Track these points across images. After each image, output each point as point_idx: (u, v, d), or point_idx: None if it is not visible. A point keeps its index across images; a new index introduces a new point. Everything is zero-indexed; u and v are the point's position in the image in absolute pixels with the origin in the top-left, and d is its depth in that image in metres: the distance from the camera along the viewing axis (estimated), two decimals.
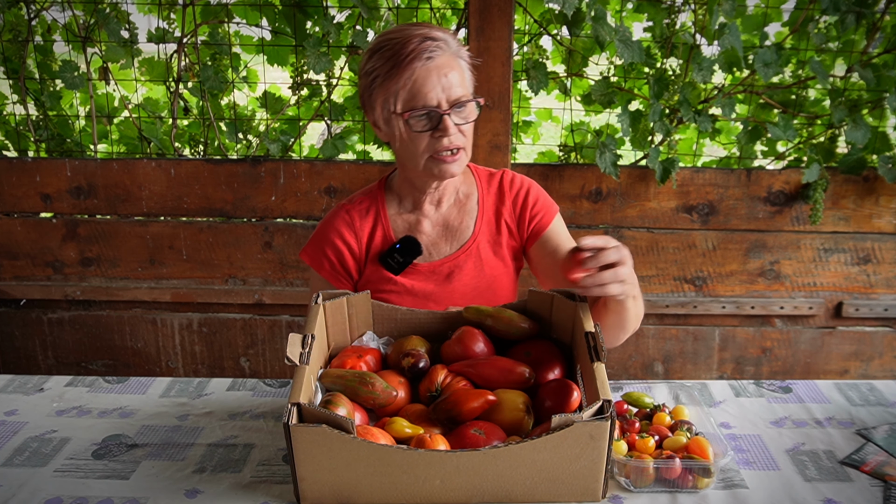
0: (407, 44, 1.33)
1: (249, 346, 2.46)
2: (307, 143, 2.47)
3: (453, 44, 1.38)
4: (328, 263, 1.54)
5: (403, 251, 1.51)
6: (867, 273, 2.35)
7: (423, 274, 1.53)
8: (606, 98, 2.20)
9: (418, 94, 1.34)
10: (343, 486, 1.10)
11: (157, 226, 2.36)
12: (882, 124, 2.25)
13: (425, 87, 1.33)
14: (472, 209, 1.56)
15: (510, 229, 1.56)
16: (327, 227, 1.55)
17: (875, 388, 1.50)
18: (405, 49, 1.33)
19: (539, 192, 1.58)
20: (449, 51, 1.36)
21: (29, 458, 1.25)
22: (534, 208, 1.56)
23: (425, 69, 1.33)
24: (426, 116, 1.36)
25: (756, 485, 1.18)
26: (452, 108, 1.36)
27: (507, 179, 1.58)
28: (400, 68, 1.33)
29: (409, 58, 1.33)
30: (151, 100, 2.45)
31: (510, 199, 1.56)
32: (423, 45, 1.33)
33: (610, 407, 1.06)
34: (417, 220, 1.54)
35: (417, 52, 1.33)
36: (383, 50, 1.36)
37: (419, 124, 1.36)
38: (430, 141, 1.37)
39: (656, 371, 2.46)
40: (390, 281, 1.52)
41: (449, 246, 1.54)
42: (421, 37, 1.34)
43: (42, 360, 2.50)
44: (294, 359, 1.16)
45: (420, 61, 1.33)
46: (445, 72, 1.34)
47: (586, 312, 1.27)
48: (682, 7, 2.14)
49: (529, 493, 1.11)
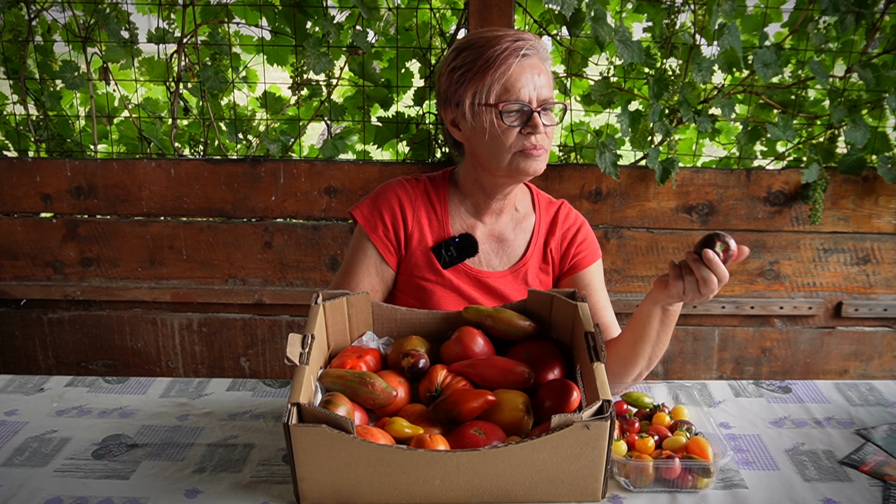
0: (501, 41, 1.36)
1: (249, 346, 2.46)
2: (307, 143, 2.47)
3: (541, 48, 1.40)
4: (382, 228, 1.50)
5: (460, 246, 1.51)
6: (867, 273, 2.35)
7: (469, 277, 1.53)
8: (606, 98, 2.20)
9: (512, 88, 1.35)
10: (343, 486, 1.10)
11: (157, 226, 2.36)
12: (881, 124, 2.25)
13: (519, 82, 1.35)
14: (527, 229, 1.56)
15: (553, 261, 1.57)
16: (389, 192, 1.52)
17: (874, 388, 1.50)
18: (500, 45, 1.36)
19: (589, 233, 1.59)
20: (538, 54, 1.39)
21: (29, 458, 1.25)
22: (579, 246, 1.56)
23: (520, 66, 1.35)
24: (517, 112, 1.37)
25: (755, 485, 1.19)
26: (541, 107, 1.37)
27: (563, 212, 1.58)
28: (496, 62, 1.35)
29: (505, 53, 1.35)
30: (151, 100, 2.45)
31: (560, 231, 1.56)
32: (518, 43, 1.36)
33: (609, 407, 1.06)
34: (474, 224, 1.54)
35: (513, 49, 1.35)
36: (474, 47, 1.38)
37: (510, 118, 1.37)
38: (518, 137, 1.38)
39: (656, 371, 2.46)
40: (437, 272, 1.51)
41: (499, 260, 1.54)
42: (514, 37, 1.37)
43: (42, 360, 2.50)
44: (294, 359, 1.16)
45: (515, 57, 1.35)
46: (538, 72, 1.37)
47: (586, 312, 1.28)
48: (681, 7, 2.14)
49: (529, 493, 1.11)
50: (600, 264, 1.59)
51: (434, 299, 1.51)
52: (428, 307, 1.50)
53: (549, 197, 1.62)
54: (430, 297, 1.51)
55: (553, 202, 1.60)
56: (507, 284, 1.53)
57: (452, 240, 1.51)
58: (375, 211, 1.51)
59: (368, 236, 1.51)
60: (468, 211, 1.54)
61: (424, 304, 1.51)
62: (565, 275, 1.57)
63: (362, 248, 1.51)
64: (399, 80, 2.34)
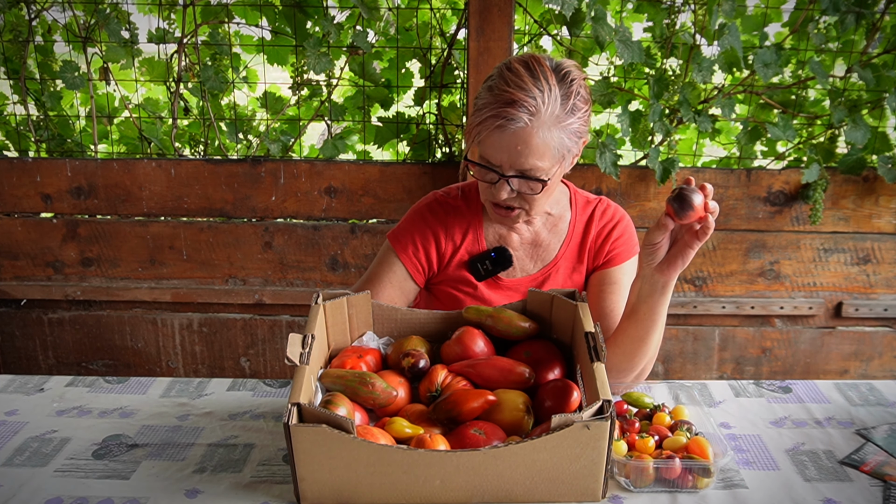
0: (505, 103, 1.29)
1: (249, 346, 2.46)
2: (307, 143, 2.47)
3: (554, 109, 1.30)
4: (412, 248, 1.52)
5: (495, 260, 1.51)
6: (867, 273, 2.35)
7: (503, 288, 1.53)
8: (606, 98, 2.20)
9: (485, 149, 1.34)
10: (343, 486, 1.10)
11: (157, 226, 2.36)
12: (882, 124, 2.25)
13: (493, 147, 1.32)
14: (561, 231, 1.54)
15: (589, 257, 1.55)
16: (420, 216, 1.54)
17: (875, 388, 1.50)
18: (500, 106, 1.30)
19: (626, 228, 1.55)
20: (540, 119, 1.30)
21: (29, 458, 1.25)
22: (615, 241, 1.53)
23: (500, 131, 1.30)
24: (487, 169, 1.36)
25: (756, 485, 1.19)
26: (519, 175, 1.33)
27: (600, 208, 1.56)
28: (486, 119, 1.31)
29: (493, 116, 1.30)
30: (151, 100, 2.46)
31: (597, 227, 1.54)
32: (513, 111, 1.28)
33: (610, 407, 1.06)
34: (508, 233, 1.53)
35: (505, 115, 1.29)
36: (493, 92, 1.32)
37: (480, 172, 1.38)
38: (490, 191, 1.38)
39: (656, 371, 2.46)
40: (471, 285, 1.52)
41: (533, 264, 1.54)
42: (520, 101, 1.29)
43: (42, 360, 2.50)
44: (294, 359, 1.16)
45: (499, 121, 1.29)
46: (520, 143, 1.30)
47: (586, 312, 1.28)
48: (682, 7, 2.14)
49: (529, 493, 1.11)
50: (636, 259, 1.55)
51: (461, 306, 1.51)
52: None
53: (586, 195, 1.59)
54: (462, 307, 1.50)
55: (591, 200, 1.58)
56: (539, 285, 1.53)
57: (488, 254, 1.51)
58: (407, 234, 1.53)
59: (397, 254, 1.52)
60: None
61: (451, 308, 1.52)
62: (598, 268, 1.54)
63: (388, 262, 1.53)
64: (399, 80, 2.34)
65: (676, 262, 1.25)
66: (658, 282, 1.28)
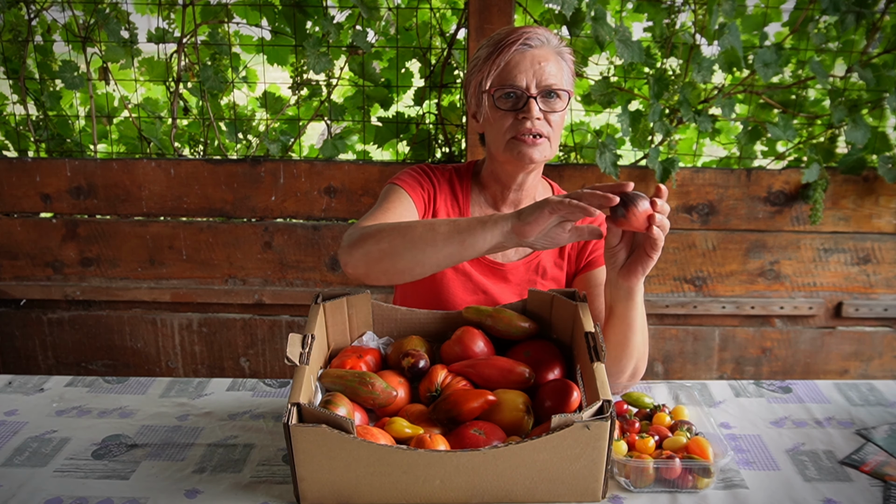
0: (509, 34, 1.40)
1: (249, 346, 2.46)
2: (307, 143, 2.47)
3: (554, 41, 1.42)
4: (419, 190, 1.50)
5: None
6: (867, 273, 2.35)
7: (483, 266, 1.54)
8: (606, 98, 2.20)
9: (509, 74, 1.38)
10: (343, 486, 1.10)
11: (156, 226, 2.36)
12: (882, 124, 2.25)
13: (516, 69, 1.38)
14: None
15: (570, 257, 1.56)
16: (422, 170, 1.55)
17: (875, 388, 1.50)
18: (507, 38, 1.39)
19: None
20: (549, 45, 1.41)
21: (29, 458, 1.25)
22: (597, 243, 1.53)
23: (520, 54, 1.38)
24: (512, 96, 1.38)
25: (756, 485, 1.18)
26: (542, 94, 1.38)
27: None
28: (498, 52, 1.39)
29: (508, 42, 1.38)
30: (151, 100, 2.45)
31: None
32: (524, 35, 1.39)
33: (610, 407, 1.06)
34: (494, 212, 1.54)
35: (516, 39, 1.38)
36: (491, 40, 1.42)
37: (504, 102, 1.39)
38: (514, 122, 1.39)
39: (656, 371, 2.46)
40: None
41: (515, 252, 1.55)
42: (524, 30, 1.40)
43: (42, 360, 2.50)
44: (294, 359, 1.16)
45: (517, 46, 1.38)
46: (540, 60, 1.38)
47: (586, 312, 1.28)
48: (681, 7, 2.14)
49: (529, 493, 1.11)
50: None
51: (444, 282, 1.52)
52: (437, 291, 1.51)
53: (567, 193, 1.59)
54: (440, 282, 1.52)
55: None
56: (519, 275, 1.54)
57: None
58: (415, 178, 1.53)
59: (407, 192, 1.49)
60: (487, 202, 1.55)
61: (433, 288, 1.52)
62: (581, 272, 1.55)
63: (399, 198, 1.48)
64: (399, 80, 2.34)
65: (637, 269, 1.24)
66: (622, 287, 1.28)
